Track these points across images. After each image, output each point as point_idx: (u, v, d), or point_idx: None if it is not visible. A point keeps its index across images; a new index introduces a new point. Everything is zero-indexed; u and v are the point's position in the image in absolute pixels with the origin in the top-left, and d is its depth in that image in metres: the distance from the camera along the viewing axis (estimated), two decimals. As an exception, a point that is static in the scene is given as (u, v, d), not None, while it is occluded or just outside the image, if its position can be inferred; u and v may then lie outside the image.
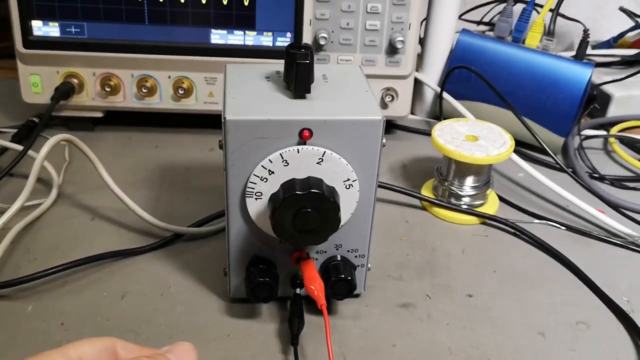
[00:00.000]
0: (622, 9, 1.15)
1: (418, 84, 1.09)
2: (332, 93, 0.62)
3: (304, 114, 0.57)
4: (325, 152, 0.58)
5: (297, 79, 0.59)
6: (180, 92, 0.96)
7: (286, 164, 0.58)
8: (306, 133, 0.57)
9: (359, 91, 0.63)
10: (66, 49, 0.93)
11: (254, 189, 0.59)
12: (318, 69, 0.65)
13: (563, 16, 1.19)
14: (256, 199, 0.59)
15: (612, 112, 1.12)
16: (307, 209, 0.56)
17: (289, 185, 0.57)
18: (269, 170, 0.58)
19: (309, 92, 0.60)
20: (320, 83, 0.63)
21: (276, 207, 0.56)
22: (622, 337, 0.67)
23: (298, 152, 0.58)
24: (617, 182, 0.94)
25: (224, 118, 0.56)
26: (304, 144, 0.58)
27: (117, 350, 0.45)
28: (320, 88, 0.62)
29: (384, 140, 0.59)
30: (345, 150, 0.58)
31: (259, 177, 0.58)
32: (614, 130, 1.08)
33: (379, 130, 0.58)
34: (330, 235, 0.59)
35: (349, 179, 0.59)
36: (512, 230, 0.82)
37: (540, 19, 1.00)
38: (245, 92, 0.61)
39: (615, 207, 0.87)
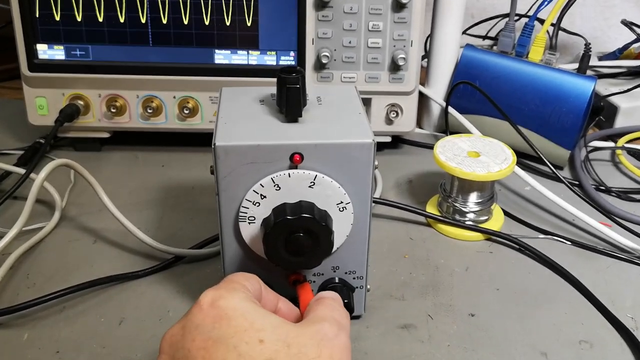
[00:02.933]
0: (624, 22, 1.13)
1: (425, 99, 1.09)
2: (325, 116, 0.62)
3: (294, 138, 0.57)
4: (316, 175, 0.58)
5: (288, 103, 0.59)
6: (186, 111, 0.96)
7: (278, 188, 0.58)
8: (297, 157, 0.57)
9: (352, 113, 0.62)
10: (71, 71, 0.94)
11: (246, 213, 0.59)
12: (313, 91, 0.66)
13: (564, 30, 1.19)
14: (249, 223, 0.60)
15: (619, 123, 1.11)
16: (298, 233, 0.56)
17: (280, 210, 0.57)
18: (261, 195, 0.58)
19: (300, 115, 0.60)
20: (313, 106, 0.63)
21: (268, 231, 0.56)
22: (626, 355, 0.66)
23: (289, 176, 0.58)
24: (624, 194, 0.93)
25: (214, 144, 0.57)
26: (295, 168, 0.58)
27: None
28: (313, 111, 0.62)
29: (376, 162, 0.59)
30: (337, 173, 0.58)
31: (251, 201, 0.58)
32: (621, 141, 1.07)
33: (370, 153, 0.58)
34: (324, 259, 0.59)
35: (342, 202, 0.59)
36: (517, 246, 0.81)
37: (542, 34, 0.99)
38: (238, 116, 0.61)
39: (621, 220, 0.85)
